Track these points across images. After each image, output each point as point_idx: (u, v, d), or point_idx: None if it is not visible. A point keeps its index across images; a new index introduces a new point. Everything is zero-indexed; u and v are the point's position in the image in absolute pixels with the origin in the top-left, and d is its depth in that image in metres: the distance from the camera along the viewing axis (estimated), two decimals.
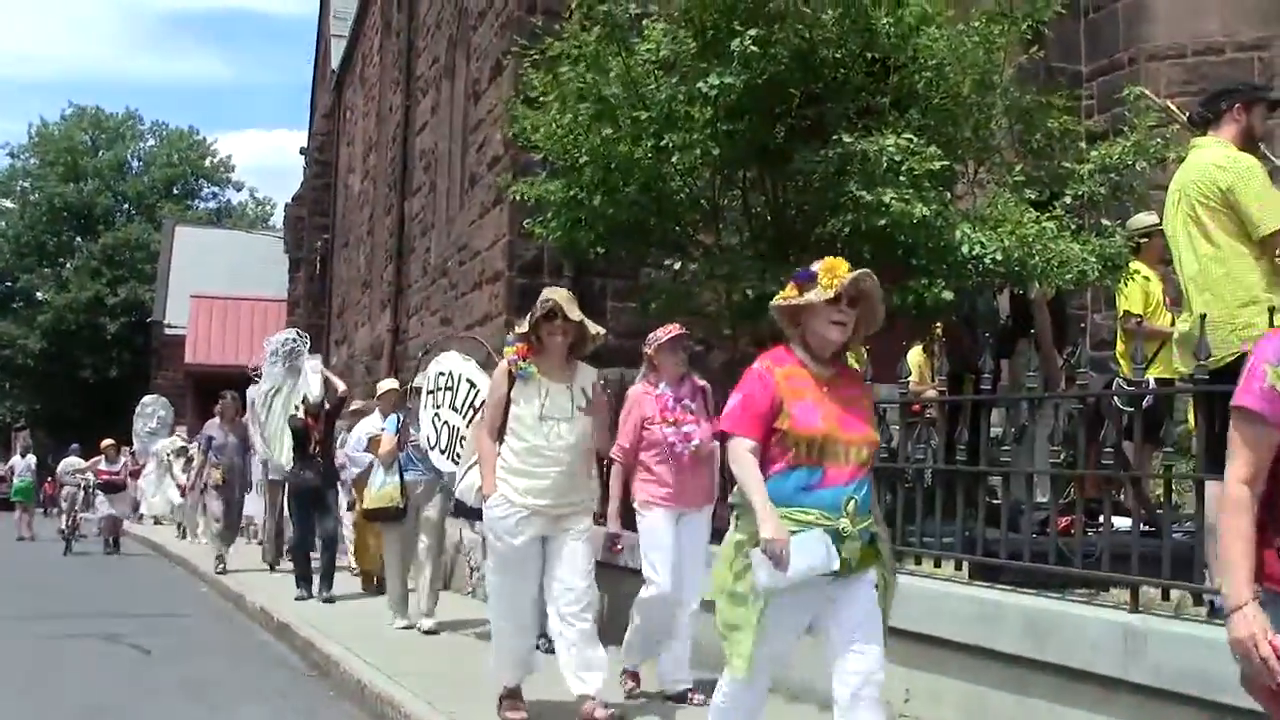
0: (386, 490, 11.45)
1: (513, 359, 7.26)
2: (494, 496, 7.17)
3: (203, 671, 10.23)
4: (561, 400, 7.20)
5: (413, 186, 22.77)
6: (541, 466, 7.13)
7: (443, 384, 10.63)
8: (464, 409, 10.25)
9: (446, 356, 10.96)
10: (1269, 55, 15.14)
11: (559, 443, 7.14)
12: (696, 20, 9.26)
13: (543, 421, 7.12)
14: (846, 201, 8.62)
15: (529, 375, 7.19)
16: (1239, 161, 6.30)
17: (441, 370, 10.71)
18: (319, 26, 41.28)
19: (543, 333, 7.19)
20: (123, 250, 59.07)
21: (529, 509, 7.11)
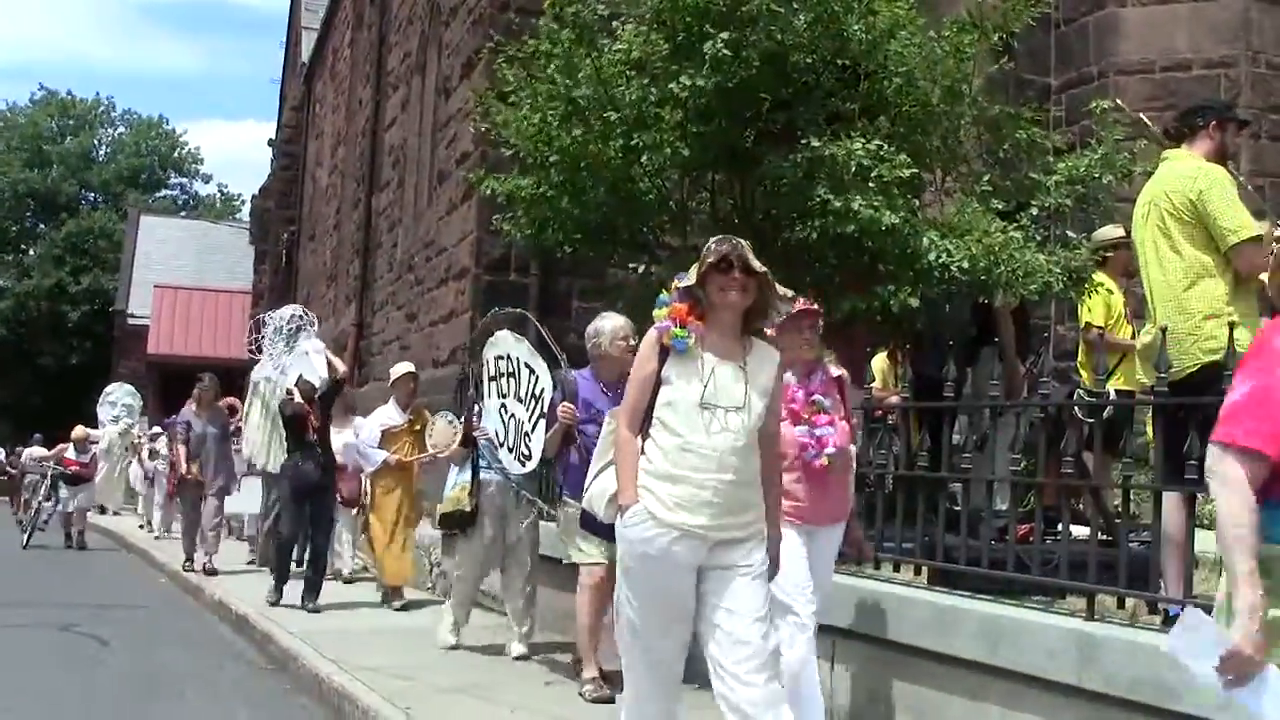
0: (455, 492, 9.82)
1: (664, 324, 5.42)
2: (634, 509, 5.29)
3: (159, 663, 10.19)
4: (732, 384, 5.32)
5: (381, 181, 22.75)
6: (700, 471, 5.20)
7: (503, 369, 9.14)
8: (526, 400, 8.73)
9: (502, 337, 9.35)
10: (1235, 72, 15.29)
11: (725, 440, 5.23)
12: (668, 22, 9.26)
13: (704, 411, 5.27)
14: (815, 206, 8.64)
15: (687, 348, 5.35)
16: (1211, 172, 6.38)
17: (500, 353, 9.21)
18: (290, 18, 41.17)
19: (711, 289, 5.32)
20: (86, 238, 58.64)
21: (681, 529, 5.20)
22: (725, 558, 5.29)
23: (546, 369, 8.63)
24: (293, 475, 12.51)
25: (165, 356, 41.62)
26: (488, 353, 9.42)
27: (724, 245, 5.29)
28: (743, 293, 5.31)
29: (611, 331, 8.34)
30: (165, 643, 11.31)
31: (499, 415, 9.14)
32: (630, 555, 5.37)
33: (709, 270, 5.29)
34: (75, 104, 67.21)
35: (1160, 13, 15.80)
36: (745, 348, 5.45)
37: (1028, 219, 9.12)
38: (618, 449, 5.56)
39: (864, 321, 9.04)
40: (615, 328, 8.36)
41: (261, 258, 38.18)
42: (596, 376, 8.43)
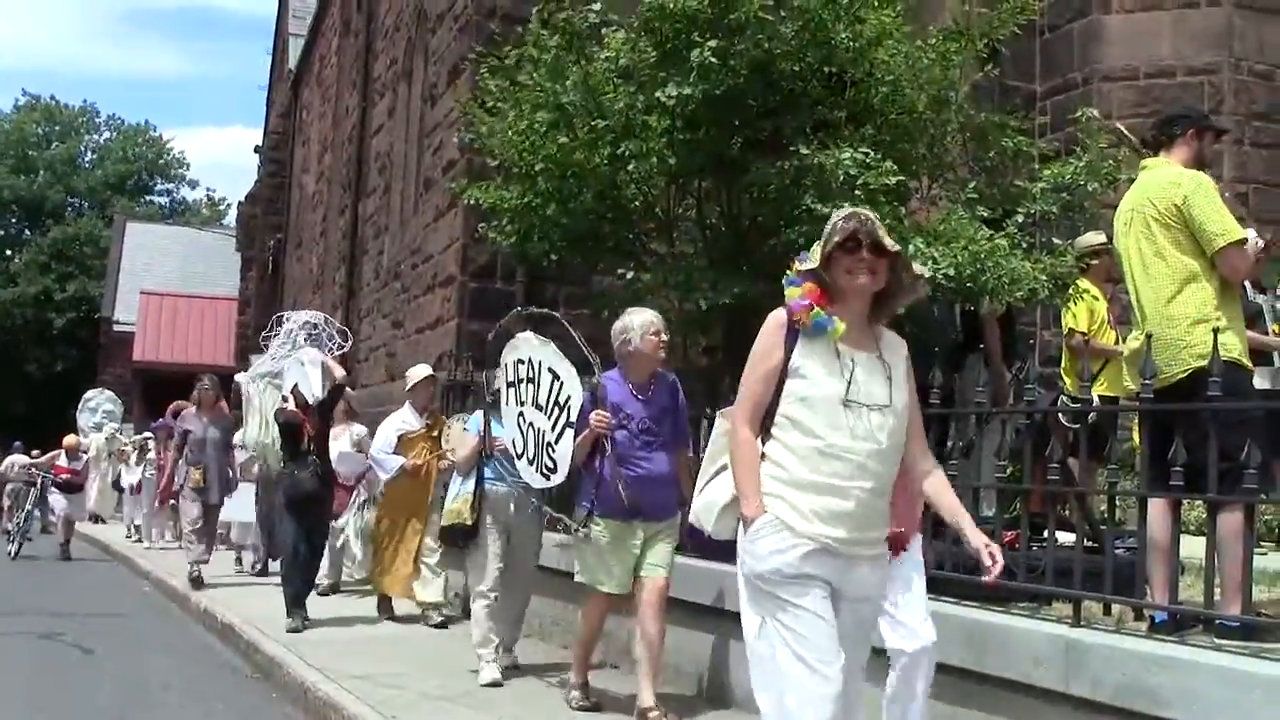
0: (457, 504, 9.14)
1: (797, 303, 4.64)
2: (763, 520, 4.54)
3: (144, 672, 10.15)
4: (873, 379, 4.63)
5: (367, 188, 22.74)
6: (843, 479, 4.51)
7: (523, 374, 8.34)
8: (549, 408, 7.99)
9: (523, 339, 8.47)
10: (1218, 79, 15.36)
11: (868, 444, 4.55)
12: (656, 30, 9.28)
13: (847, 409, 4.55)
14: (801, 214, 8.66)
15: (827, 332, 4.58)
16: (1195, 176, 6.40)
17: (520, 357, 8.38)
18: (277, 25, 41.19)
19: (837, 271, 4.62)
20: (72, 245, 58.48)
21: (819, 541, 4.49)
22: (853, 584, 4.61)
23: (575, 374, 7.87)
24: (288, 486, 11.80)
25: (151, 363, 41.54)
26: (506, 356, 8.52)
27: (851, 221, 4.58)
28: (872, 275, 4.62)
29: (643, 326, 7.63)
30: (149, 651, 11.27)
31: (517, 424, 8.35)
32: (760, 574, 4.55)
33: (835, 250, 4.58)
34: (61, 110, 67.06)
35: (1144, 20, 15.88)
36: (877, 337, 4.78)
37: (1014, 226, 9.14)
38: (737, 452, 4.74)
39: None
40: (646, 322, 7.66)
41: (248, 264, 38.15)
42: (626, 378, 7.75)
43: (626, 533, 7.64)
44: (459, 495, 9.17)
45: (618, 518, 7.60)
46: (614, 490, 7.50)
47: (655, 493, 7.64)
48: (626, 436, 7.59)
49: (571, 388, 7.82)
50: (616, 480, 7.47)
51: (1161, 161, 6.69)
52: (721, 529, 4.87)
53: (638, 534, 7.65)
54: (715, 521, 4.88)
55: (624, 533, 7.64)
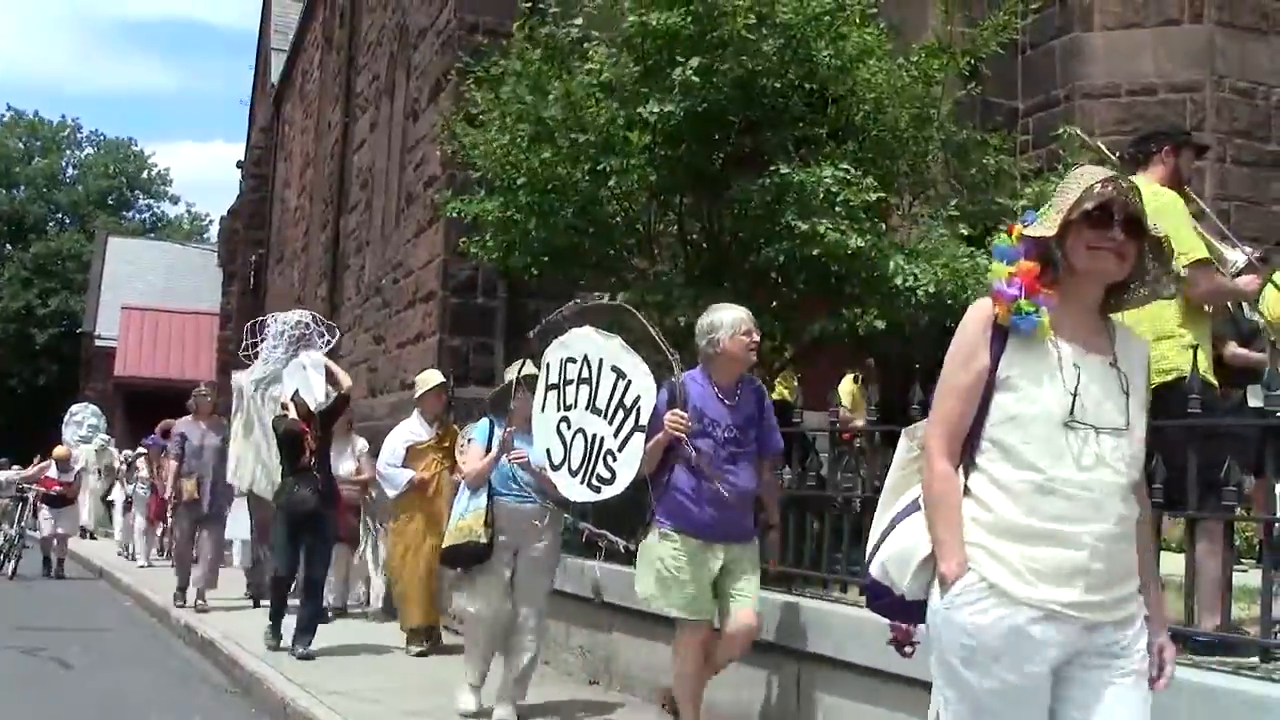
0: (466, 521, 8.15)
1: (1006, 289, 3.63)
2: (964, 583, 3.53)
3: (123, 687, 10.10)
4: (1105, 392, 3.60)
5: (349, 204, 22.71)
6: (1071, 522, 3.48)
7: (573, 375, 7.35)
8: (610, 412, 7.03)
9: (577, 336, 7.43)
10: (1200, 96, 15.41)
11: (1105, 476, 3.53)
12: (639, 47, 9.29)
13: (1071, 431, 3.52)
14: (782, 230, 8.67)
15: (1036, 330, 3.60)
16: (1161, 195, 6.37)
17: (570, 355, 7.37)
18: (260, 40, 41.16)
19: (1075, 246, 3.60)
20: (54, 260, 58.38)
21: (1042, 609, 3.46)
22: (1099, 653, 3.56)
23: (646, 371, 6.91)
24: (287, 503, 10.97)
25: (132, 378, 41.42)
26: (551, 355, 7.51)
27: (1108, 186, 3.59)
28: (1120, 260, 3.60)
29: (733, 324, 6.75)
30: (129, 666, 11.21)
31: (557, 431, 7.35)
32: (959, 649, 3.55)
33: (1079, 220, 3.57)
34: (43, 125, 66.99)
35: (1126, 37, 15.92)
36: (1109, 335, 3.72)
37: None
38: (932, 490, 3.69)
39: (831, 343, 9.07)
40: (736, 320, 6.77)
41: (230, 279, 38.06)
42: (710, 379, 6.83)
43: (705, 554, 6.66)
44: (469, 511, 8.17)
45: (696, 535, 6.65)
46: (693, 503, 6.62)
47: (739, 511, 6.73)
48: (711, 445, 6.64)
49: (641, 386, 6.86)
50: (714, 482, 6.52)
51: (1139, 179, 6.67)
52: (918, 587, 3.75)
53: (718, 556, 6.68)
54: (911, 577, 3.74)
55: (702, 554, 6.65)
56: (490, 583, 8.08)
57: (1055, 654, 3.48)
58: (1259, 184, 15.30)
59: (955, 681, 3.59)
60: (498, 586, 8.07)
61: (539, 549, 8.18)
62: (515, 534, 8.07)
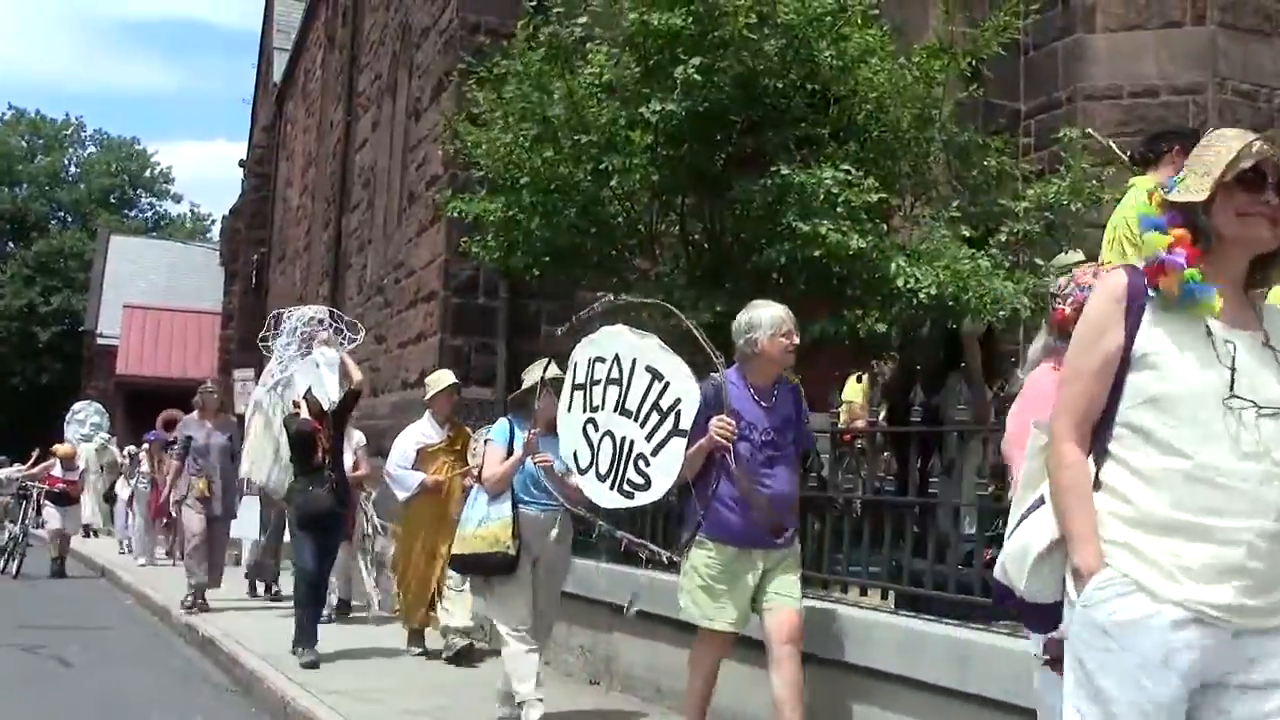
0: (492, 529, 7.76)
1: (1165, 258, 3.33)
2: (1102, 577, 3.25)
3: (123, 686, 10.11)
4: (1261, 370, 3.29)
5: (351, 203, 22.70)
6: (1225, 515, 3.18)
7: (601, 375, 6.93)
8: (643, 414, 6.61)
9: (610, 334, 7.02)
10: (1203, 98, 15.40)
11: (1264, 465, 3.21)
12: (641, 46, 9.29)
13: (1229, 412, 3.21)
14: (783, 231, 8.66)
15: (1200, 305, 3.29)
16: None
17: (600, 355, 6.94)
18: (262, 39, 41.15)
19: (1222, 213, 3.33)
20: (57, 258, 58.41)
21: (1190, 610, 3.17)
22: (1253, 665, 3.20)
23: (688, 373, 6.48)
24: (301, 503, 10.64)
25: (134, 377, 41.41)
26: (580, 354, 7.10)
27: (1261, 147, 3.28)
28: (1274, 227, 3.28)
29: (772, 324, 6.48)
30: (130, 665, 11.22)
31: (584, 433, 6.95)
32: (1096, 652, 3.23)
33: (1231, 183, 3.27)
34: (45, 123, 67.01)
35: (1128, 39, 15.89)
36: (1257, 311, 3.43)
37: (996, 245, 9.16)
38: (1060, 478, 3.38)
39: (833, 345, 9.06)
40: (776, 319, 6.49)
41: (232, 278, 38.03)
42: (746, 380, 6.59)
43: (744, 563, 6.45)
44: (490, 518, 7.79)
45: (734, 543, 6.44)
46: (730, 510, 6.38)
47: (783, 518, 6.51)
48: (748, 449, 6.39)
49: (681, 388, 6.41)
50: (750, 496, 6.30)
51: (1148, 180, 6.59)
52: (1038, 587, 3.46)
53: (757, 564, 6.47)
54: (1028, 576, 3.46)
55: (740, 562, 6.45)
56: (517, 594, 7.79)
57: (1198, 661, 3.16)
58: None
59: (1091, 692, 3.25)
60: (525, 597, 7.81)
61: (557, 556, 8.12)
62: (535, 542, 7.89)
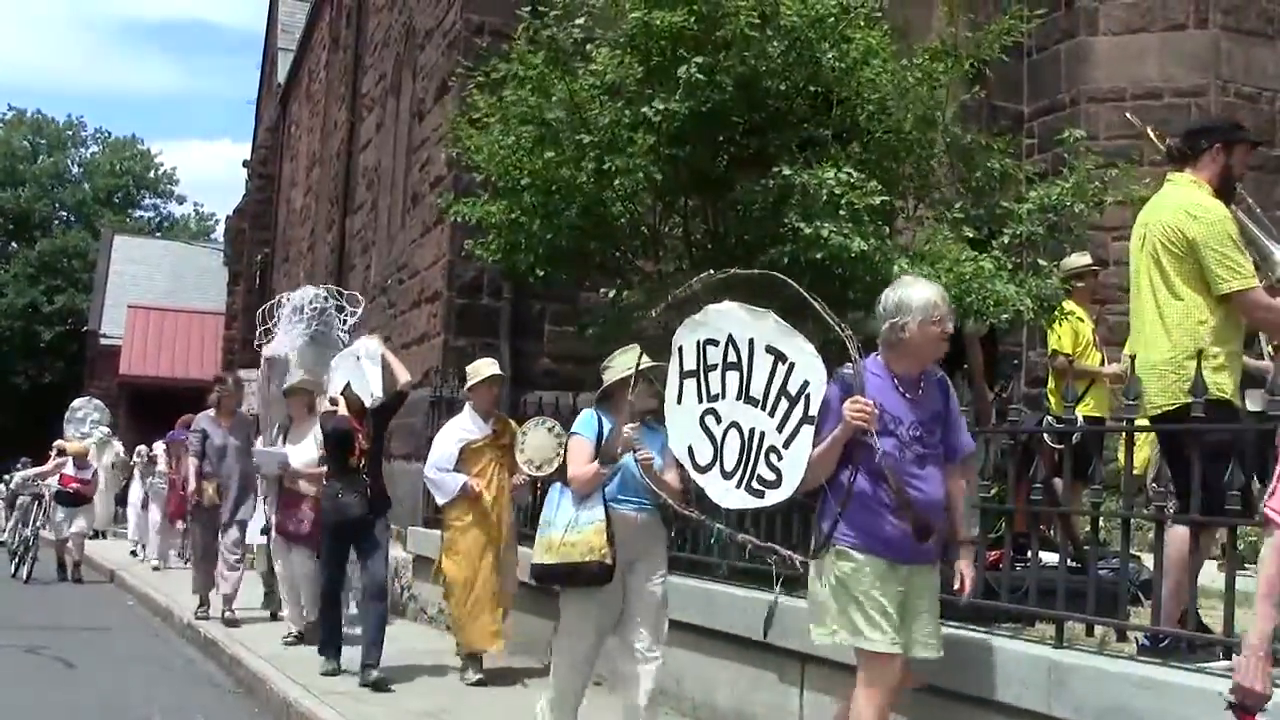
0: (584, 534, 6.86)
1: None
2: None
3: (125, 686, 10.11)
4: None
5: (355, 204, 22.73)
6: None
7: (716, 359, 6.04)
8: (770, 401, 5.72)
9: (720, 312, 6.09)
10: (1205, 101, 15.43)
11: None
12: (642, 46, 9.29)
13: None
14: (785, 232, 8.66)
15: None
16: (1210, 212, 6.11)
17: (710, 337, 6.05)
18: (266, 39, 41.21)
19: None
20: (60, 258, 58.46)
21: None
22: None
23: (812, 352, 5.60)
24: (331, 509, 9.91)
25: (137, 377, 41.41)
26: (685, 338, 6.19)
27: None
28: None
29: (924, 308, 5.55)
30: (132, 665, 11.22)
31: (702, 426, 6.03)
32: None
33: None
34: (48, 123, 67.05)
35: (1131, 42, 15.94)
36: None
37: (999, 247, 9.16)
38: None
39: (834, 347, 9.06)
40: (929, 304, 5.56)
41: (235, 279, 38.09)
42: (888, 369, 5.69)
43: (889, 577, 5.49)
44: (580, 522, 6.91)
45: (880, 553, 5.49)
46: (876, 514, 5.48)
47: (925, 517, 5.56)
48: (894, 446, 5.49)
49: (808, 370, 5.57)
50: (898, 494, 5.41)
51: (1187, 180, 6.37)
52: None
53: (901, 581, 5.52)
54: None
55: (885, 574, 5.48)
56: (606, 605, 7.00)
57: None
58: (1263, 188, 15.28)
59: None
60: (612, 609, 7.03)
61: (655, 564, 7.16)
62: (629, 548, 6.96)
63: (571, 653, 7.09)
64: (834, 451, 5.47)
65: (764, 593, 7.22)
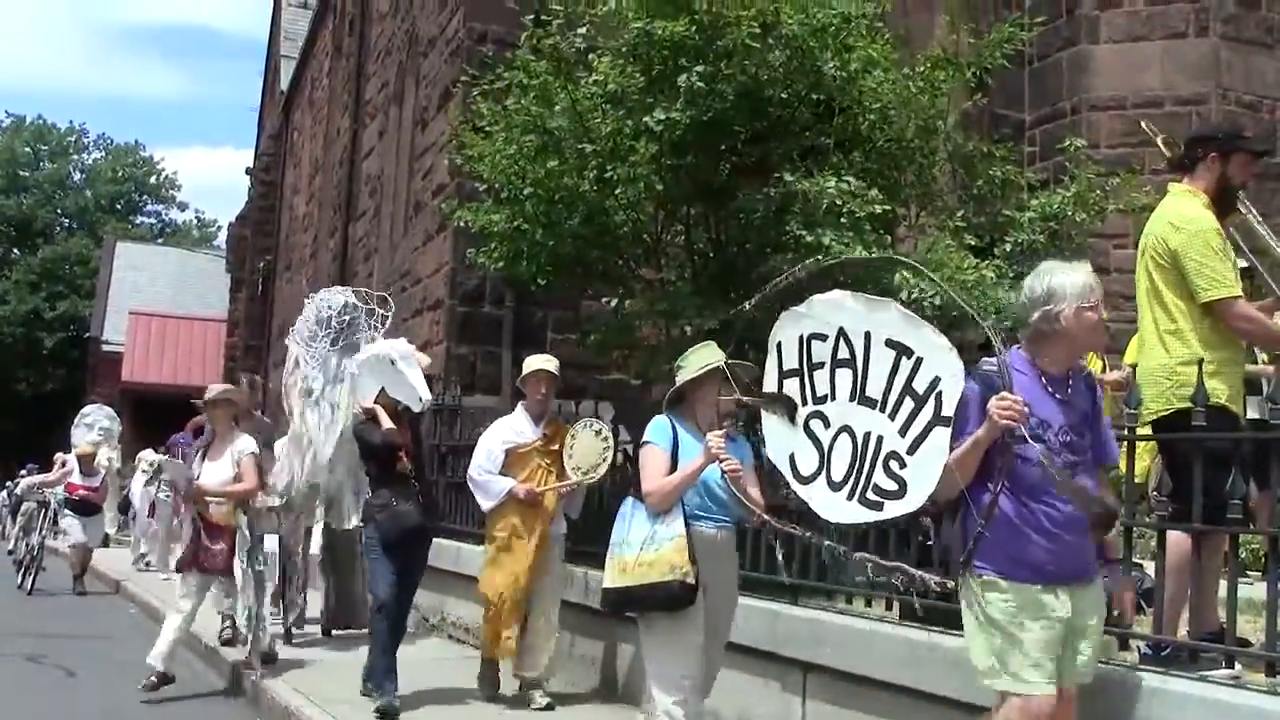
0: (663, 552, 6.15)
1: None
2: None
3: (125, 694, 10.08)
4: None
5: (357, 211, 22.75)
6: None
7: (825, 357, 5.29)
8: (891, 401, 4.97)
9: (826, 304, 5.35)
10: (1206, 109, 15.44)
11: None
12: (644, 55, 9.31)
13: None
14: (787, 241, 8.68)
15: None
16: (1193, 222, 6.12)
17: (817, 331, 5.32)
18: (269, 46, 41.26)
19: None
20: (62, 265, 58.54)
21: None
22: None
23: (945, 345, 4.87)
24: (387, 519, 8.89)
25: (139, 384, 41.42)
26: (785, 332, 5.51)
27: None
28: None
29: (1077, 293, 4.84)
30: (132, 673, 11.13)
31: (807, 431, 5.34)
32: None
33: None
34: (51, 130, 67.11)
35: (1132, 50, 15.96)
36: None
37: (1001, 255, 9.17)
38: None
39: None
40: (1082, 288, 4.85)
41: (238, 286, 38.11)
42: (1034, 364, 4.91)
43: (1044, 603, 4.71)
44: (658, 539, 6.20)
45: (1030, 578, 4.72)
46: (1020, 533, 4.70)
47: (1083, 541, 4.84)
48: (1043, 454, 4.67)
49: (939, 365, 4.82)
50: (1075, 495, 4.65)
51: (1183, 189, 6.37)
52: None
53: (1063, 604, 4.74)
54: None
55: (1040, 603, 4.71)
56: (690, 632, 6.23)
57: None
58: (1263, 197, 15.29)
59: None
60: (698, 637, 6.25)
61: (728, 586, 6.57)
62: (707, 567, 6.24)
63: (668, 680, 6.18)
64: (975, 455, 4.71)
65: (767, 601, 7.24)
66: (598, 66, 9.69)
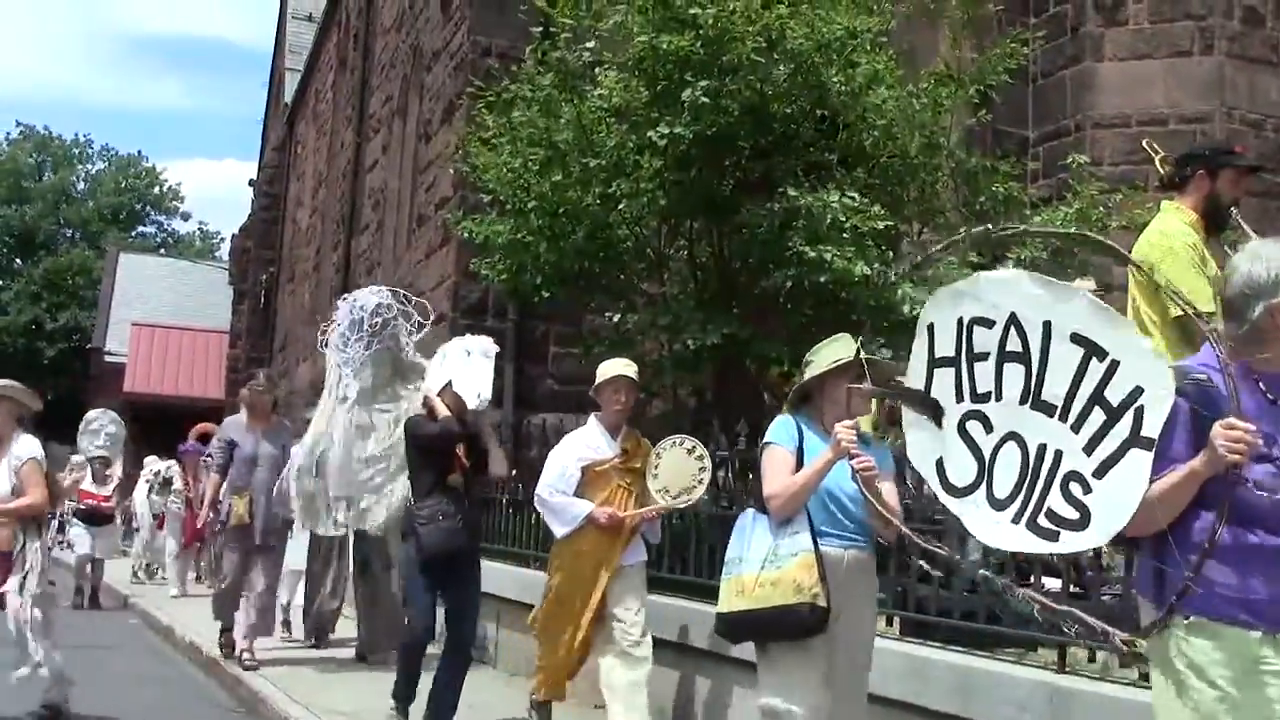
0: (787, 570, 5.22)
1: None
2: None
3: (125, 705, 10.07)
4: None
5: (360, 224, 22.76)
6: None
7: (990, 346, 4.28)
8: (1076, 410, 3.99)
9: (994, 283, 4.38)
10: (1210, 127, 15.46)
11: None
12: (649, 70, 9.33)
13: None
14: (790, 256, 8.69)
15: None
16: (1167, 239, 6.17)
17: (981, 315, 4.31)
18: (274, 59, 41.30)
19: None
20: (64, 275, 58.50)
21: None
22: None
23: (1147, 348, 3.98)
24: (432, 530, 7.81)
25: (141, 395, 41.41)
26: (940, 312, 4.49)
27: None
28: None
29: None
30: (132, 684, 11.18)
31: (960, 436, 4.36)
32: None
33: None
34: (54, 141, 67.17)
35: (1137, 68, 15.99)
36: None
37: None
38: None
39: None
40: None
41: (240, 298, 38.12)
42: (1249, 370, 3.88)
43: (1263, 655, 3.71)
44: (780, 555, 5.27)
45: (1250, 624, 3.71)
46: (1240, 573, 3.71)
47: None
48: (1269, 474, 3.73)
49: (1141, 373, 3.84)
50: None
51: (1171, 207, 6.40)
52: None
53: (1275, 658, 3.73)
54: None
55: (1258, 656, 3.70)
56: (814, 665, 5.30)
57: None
58: (1269, 215, 15.34)
59: None
60: (821, 670, 5.32)
61: (865, 616, 5.64)
62: (839, 594, 5.29)
63: None
64: (1187, 490, 3.75)
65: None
66: (603, 80, 9.72)
